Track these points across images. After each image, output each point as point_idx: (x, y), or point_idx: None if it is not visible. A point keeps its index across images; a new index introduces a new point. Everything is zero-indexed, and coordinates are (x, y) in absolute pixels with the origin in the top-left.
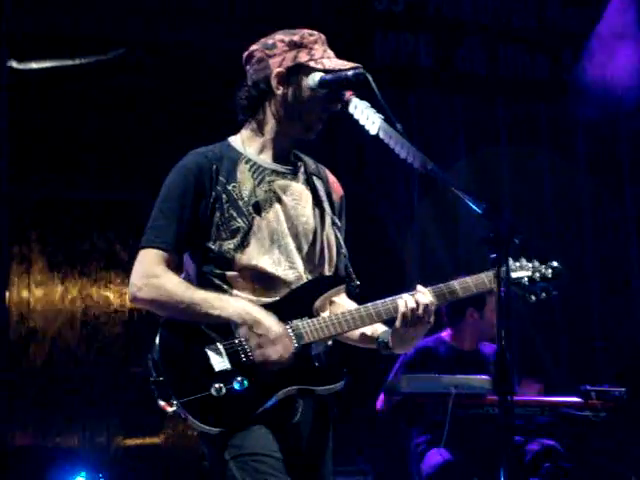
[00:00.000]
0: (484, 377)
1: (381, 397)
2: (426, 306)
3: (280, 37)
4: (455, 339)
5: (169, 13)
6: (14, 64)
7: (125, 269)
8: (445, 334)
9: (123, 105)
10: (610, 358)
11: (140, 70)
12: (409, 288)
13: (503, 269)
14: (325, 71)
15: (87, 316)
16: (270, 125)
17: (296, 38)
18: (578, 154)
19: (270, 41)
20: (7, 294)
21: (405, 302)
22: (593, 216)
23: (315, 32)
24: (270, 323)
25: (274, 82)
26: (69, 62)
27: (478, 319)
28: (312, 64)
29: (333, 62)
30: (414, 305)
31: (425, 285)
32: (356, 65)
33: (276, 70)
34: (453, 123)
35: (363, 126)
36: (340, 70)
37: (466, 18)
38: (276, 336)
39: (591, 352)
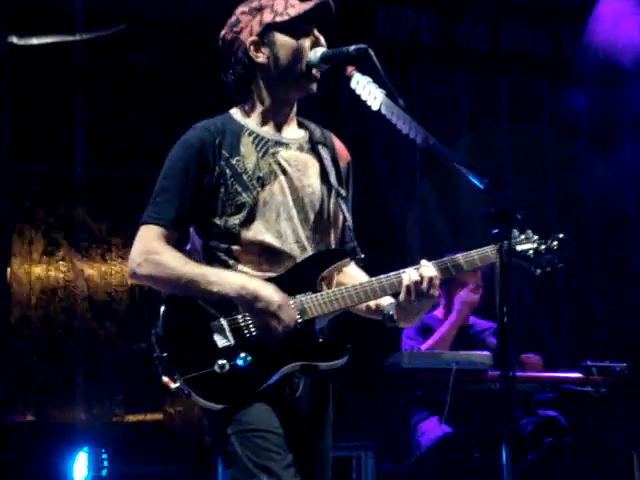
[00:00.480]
0: (485, 353)
1: None
2: (430, 279)
3: (240, 10)
4: (445, 316)
5: None
6: (15, 40)
7: (128, 246)
8: (437, 312)
9: (125, 81)
10: (611, 334)
11: (141, 46)
12: (411, 263)
13: (505, 244)
14: (293, 21)
15: (89, 292)
16: (266, 94)
17: (255, 4)
18: (580, 130)
19: (233, 18)
20: (8, 270)
21: (409, 276)
22: (595, 192)
23: None
24: (269, 293)
25: (252, 53)
26: (70, 38)
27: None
28: (278, 19)
29: (298, 8)
30: (418, 278)
31: (428, 260)
32: (319, 1)
33: (249, 40)
34: (455, 99)
35: (365, 101)
36: (340, 50)
37: None
38: (278, 306)
39: (592, 327)
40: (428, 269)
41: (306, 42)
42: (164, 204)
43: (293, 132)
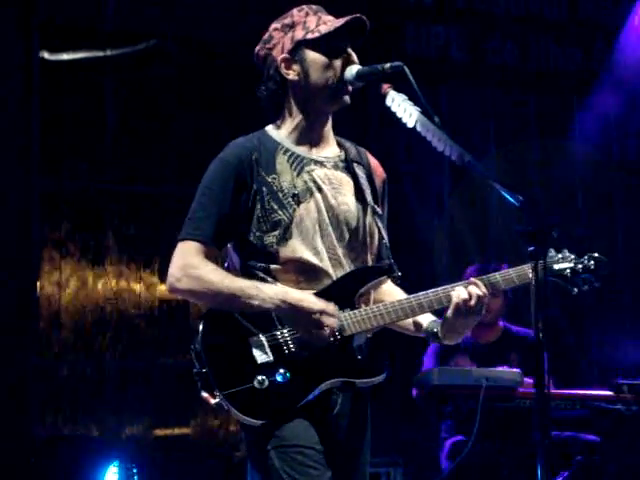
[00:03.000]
0: (515, 370)
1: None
2: (479, 297)
3: (273, 27)
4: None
5: (202, 7)
6: (46, 55)
7: (155, 262)
8: None
9: (154, 98)
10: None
11: (171, 63)
12: (439, 279)
13: (541, 263)
14: (326, 39)
15: (119, 308)
16: (298, 111)
17: (287, 20)
18: (610, 147)
19: (266, 35)
20: (38, 284)
21: (459, 293)
22: (625, 210)
23: (304, 6)
24: (312, 300)
25: (283, 70)
26: (100, 54)
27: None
28: (309, 36)
29: (329, 25)
30: (467, 296)
31: (457, 277)
32: (354, 16)
33: (280, 57)
34: (484, 116)
35: (400, 119)
36: (374, 66)
37: (497, 10)
38: (320, 311)
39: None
40: (477, 288)
41: (338, 59)
42: (202, 220)
43: (328, 150)
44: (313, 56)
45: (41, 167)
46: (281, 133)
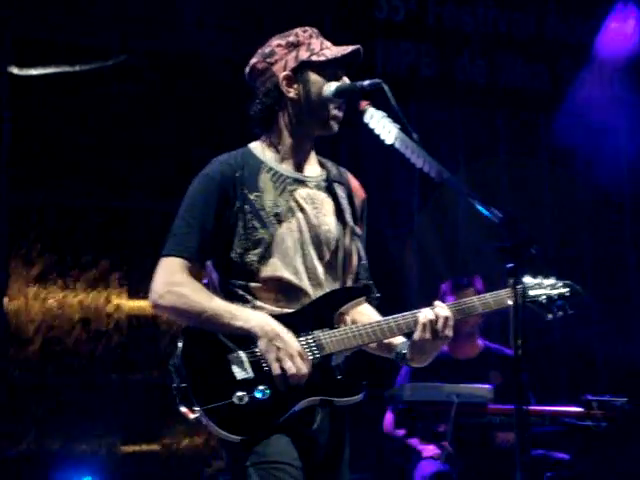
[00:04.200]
0: (486, 386)
1: (386, 419)
2: (445, 319)
3: (276, 42)
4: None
5: (170, 21)
6: (15, 70)
7: (126, 277)
8: None
9: (123, 113)
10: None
11: (140, 78)
12: (409, 297)
13: (520, 285)
14: (328, 64)
15: (87, 323)
16: (288, 130)
17: (292, 38)
18: (577, 165)
19: (267, 49)
20: (5, 300)
21: (425, 315)
22: (592, 228)
23: (307, 27)
24: (290, 338)
25: (284, 87)
26: (69, 69)
27: None
28: (314, 58)
29: (334, 50)
30: (433, 318)
31: (429, 297)
32: (357, 47)
33: (282, 74)
34: (453, 133)
35: (379, 135)
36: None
37: (466, 28)
38: (295, 351)
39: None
40: (443, 309)
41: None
42: (186, 236)
43: (311, 170)
44: (315, 78)
45: (10, 182)
46: (265, 151)
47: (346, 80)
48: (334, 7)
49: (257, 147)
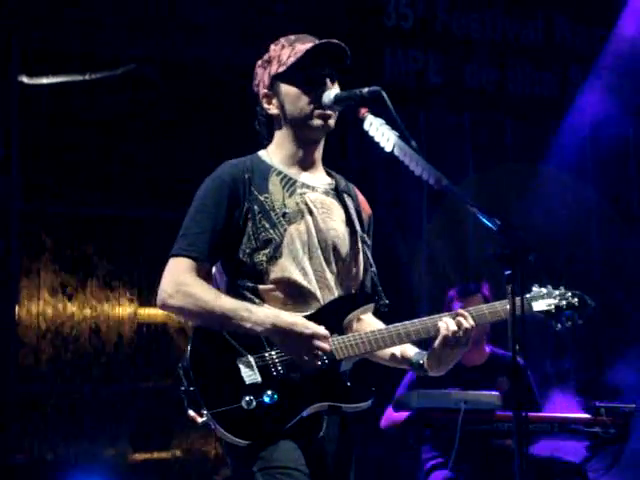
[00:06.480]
0: (493, 393)
1: (386, 414)
2: (466, 329)
3: (258, 63)
4: None
5: (179, 29)
6: (25, 79)
7: (135, 285)
8: None
9: (133, 121)
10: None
11: (151, 86)
12: (418, 306)
13: (517, 287)
14: (297, 67)
15: (96, 331)
16: (286, 139)
17: (266, 56)
18: (586, 172)
19: (254, 73)
20: (16, 309)
21: (447, 325)
22: (602, 235)
23: (281, 38)
24: (302, 322)
25: (265, 105)
26: (79, 78)
27: None
28: (281, 69)
29: (297, 51)
30: (455, 328)
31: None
32: (317, 43)
33: (261, 93)
34: (461, 140)
35: (378, 143)
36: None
37: (475, 35)
38: (312, 332)
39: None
40: (465, 320)
41: (314, 87)
42: (196, 237)
43: (319, 177)
44: (286, 89)
45: (20, 191)
46: (273, 158)
47: (327, 80)
48: (343, 15)
49: (265, 154)
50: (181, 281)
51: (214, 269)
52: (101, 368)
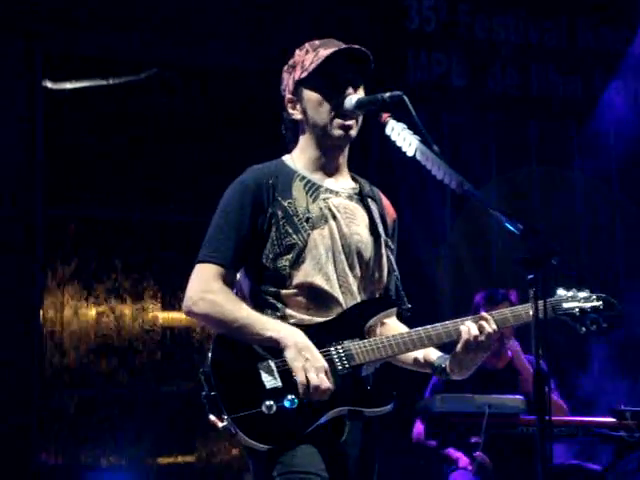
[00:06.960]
0: (518, 397)
1: (416, 426)
2: (489, 334)
3: (284, 69)
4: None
5: (201, 35)
6: (48, 84)
7: (160, 289)
8: None
9: (157, 126)
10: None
11: (174, 91)
12: (442, 313)
13: (544, 299)
14: (322, 74)
15: (120, 335)
16: (310, 144)
17: (291, 61)
18: (611, 174)
19: (281, 78)
20: (41, 313)
21: (469, 329)
22: (626, 237)
23: (307, 43)
24: (319, 354)
25: (289, 110)
26: (102, 83)
27: None
28: (303, 75)
29: (320, 56)
30: (477, 332)
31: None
32: (336, 50)
33: (286, 99)
34: (485, 143)
35: (400, 148)
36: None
37: (497, 37)
38: (322, 365)
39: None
40: (487, 323)
41: (337, 93)
42: (221, 243)
43: (343, 182)
44: (308, 94)
45: (45, 196)
46: (297, 163)
47: (348, 85)
48: (366, 18)
49: (289, 159)
50: (206, 289)
51: (238, 275)
52: (126, 372)
